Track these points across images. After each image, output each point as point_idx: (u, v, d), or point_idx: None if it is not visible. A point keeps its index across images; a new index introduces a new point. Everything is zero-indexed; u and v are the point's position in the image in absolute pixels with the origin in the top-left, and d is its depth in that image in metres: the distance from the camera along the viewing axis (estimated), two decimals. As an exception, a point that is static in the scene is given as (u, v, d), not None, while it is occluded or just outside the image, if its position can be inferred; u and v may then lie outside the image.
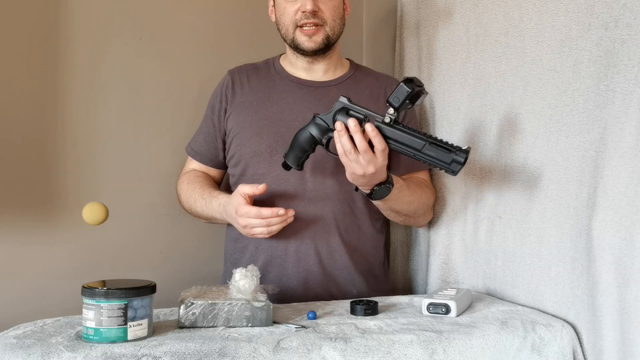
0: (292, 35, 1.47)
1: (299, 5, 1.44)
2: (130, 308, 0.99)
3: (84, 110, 1.59)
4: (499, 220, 1.38)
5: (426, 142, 1.23)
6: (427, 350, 1.05)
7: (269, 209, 1.32)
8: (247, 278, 1.12)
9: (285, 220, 1.34)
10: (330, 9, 1.46)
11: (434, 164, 1.24)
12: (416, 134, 1.24)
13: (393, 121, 1.25)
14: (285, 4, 1.46)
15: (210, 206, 1.46)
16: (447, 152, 1.22)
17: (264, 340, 1.01)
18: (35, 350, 0.94)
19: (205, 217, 1.52)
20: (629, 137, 1.06)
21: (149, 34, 1.66)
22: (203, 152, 1.57)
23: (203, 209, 1.48)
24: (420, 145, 1.23)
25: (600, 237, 1.10)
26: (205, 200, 1.47)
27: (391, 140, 1.26)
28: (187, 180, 1.55)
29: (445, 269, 1.54)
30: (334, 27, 1.47)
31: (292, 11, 1.45)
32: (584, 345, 1.16)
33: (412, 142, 1.24)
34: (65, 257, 1.57)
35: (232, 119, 1.51)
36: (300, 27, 1.45)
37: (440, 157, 1.23)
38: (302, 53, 1.49)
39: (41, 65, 1.55)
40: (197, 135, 1.58)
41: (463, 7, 1.53)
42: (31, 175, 1.54)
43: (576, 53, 1.19)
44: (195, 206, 1.50)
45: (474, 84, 1.48)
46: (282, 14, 1.48)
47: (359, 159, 1.25)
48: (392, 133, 1.25)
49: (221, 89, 1.55)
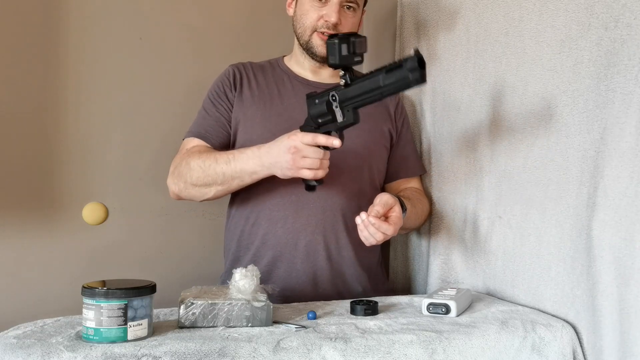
0: (307, 38, 1.49)
1: (324, 13, 1.45)
2: (130, 308, 0.99)
3: (84, 110, 1.59)
4: (499, 220, 1.38)
5: (380, 74, 1.17)
6: (427, 350, 1.05)
7: (325, 137, 1.26)
8: (247, 278, 1.12)
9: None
10: (350, 24, 1.48)
11: (401, 86, 1.17)
12: (370, 77, 1.19)
13: (346, 83, 1.22)
14: (311, 7, 1.47)
15: (242, 155, 1.36)
16: (399, 68, 1.15)
17: (264, 340, 1.01)
18: (35, 350, 0.93)
19: (226, 175, 1.38)
20: (629, 137, 1.06)
21: (149, 34, 1.66)
22: (215, 135, 1.50)
23: (229, 162, 1.37)
24: (379, 80, 1.18)
25: (600, 237, 1.10)
26: (232, 154, 1.38)
27: (357, 98, 1.22)
28: (198, 151, 1.45)
29: (445, 269, 1.54)
30: None
31: (315, 16, 1.46)
32: (584, 345, 1.16)
33: (372, 83, 1.19)
34: (65, 257, 1.57)
35: (239, 110, 1.50)
36: (318, 32, 1.47)
37: (400, 77, 1.15)
38: (312, 56, 1.51)
39: (41, 65, 1.55)
40: (202, 120, 1.52)
41: (463, 7, 1.52)
42: (31, 176, 1.54)
43: (576, 53, 1.19)
44: (216, 164, 1.38)
45: (474, 84, 1.48)
46: (304, 15, 1.48)
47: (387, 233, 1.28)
48: (353, 92, 1.22)
49: (227, 78, 1.53)
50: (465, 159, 1.49)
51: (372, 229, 1.27)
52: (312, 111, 1.28)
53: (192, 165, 1.42)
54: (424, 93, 1.66)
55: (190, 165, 1.42)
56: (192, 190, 1.44)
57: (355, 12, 1.48)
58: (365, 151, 1.50)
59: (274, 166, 1.32)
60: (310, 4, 1.46)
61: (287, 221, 1.44)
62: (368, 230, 1.27)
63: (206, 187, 1.41)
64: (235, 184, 1.40)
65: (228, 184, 1.40)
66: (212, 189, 1.42)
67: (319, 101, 1.26)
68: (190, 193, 1.45)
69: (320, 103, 1.26)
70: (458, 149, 1.52)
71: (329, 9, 1.44)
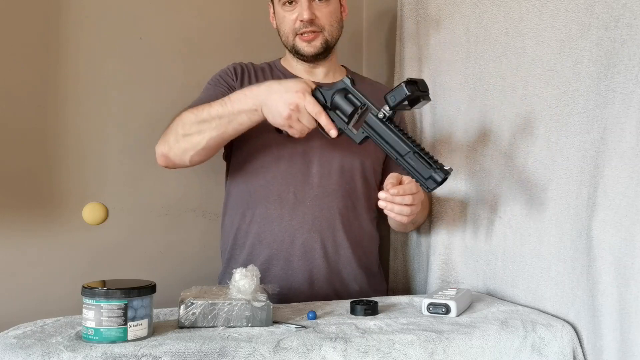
0: (292, 42, 1.50)
1: (296, 14, 1.47)
2: (130, 308, 0.99)
3: (84, 110, 1.59)
4: (499, 220, 1.38)
5: (410, 151, 1.22)
6: (427, 350, 1.05)
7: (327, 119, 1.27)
8: (247, 278, 1.12)
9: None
10: (327, 15, 1.48)
11: (412, 174, 1.23)
12: (404, 140, 1.23)
13: (387, 118, 1.25)
14: (284, 13, 1.49)
15: (238, 96, 1.32)
16: (428, 166, 1.21)
17: (264, 340, 1.01)
18: (35, 350, 0.93)
19: (222, 116, 1.32)
20: (629, 137, 1.06)
21: (149, 34, 1.66)
22: None
23: (225, 104, 1.32)
24: (405, 151, 1.23)
25: (600, 237, 1.10)
26: (227, 98, 1.33)
27: (378, 137, 1.26)
28: (192, 106, 1.39)
29: (445, 269, 1.54)
30: (331, 31, 1.51)
31: (291, 20, 1.48)
32: (584, 345, 1.16)
33: (398, 145, 1.24)
34: (65, 257, 1.57)
35: None
36: (299, 35, 1.48)
37: (419, 169, 1.22)
38: (303, 58, 1.52)
39: (41, 65, 1.55)
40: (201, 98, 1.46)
41: (463, 7, 1.53)
42: (31, 176, 1.54)
43: (576, 53, 1.19)
44: (210, 108, 1.33)
45: (474, 84, 1.48)
46: (282, 23, 1.51)
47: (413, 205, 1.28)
48: (382, 130, 1.25)
49: (230, 70, 1.53)
50: (465, 159, 1.49)
51: (398, 199, 1.26)
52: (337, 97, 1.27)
53: (183, 116, 1.36)
54: (424, 93, 1.66)
55: (182, 116, 1.37)
56: (182, 142, 1.35)
57: (329, 1, 1.48)
58: (361, 150, 1.50)
59: (267, 107, 1.29)
60: (283, 10, 1.49)
61: (283, 219, 1.44)
62: (395, 204, 1.25)
63: (199, 134, 1.34)
64: (230, 128, 1.33)
65: (224, 128, 1.33)
66: (206, 135, 1.33)
67: (351, 98, 1.27)
68: (180, 147, 1.36)
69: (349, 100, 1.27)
70: (458, 149, 1.52)
71: (300, 8, 1.46)
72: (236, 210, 1.50)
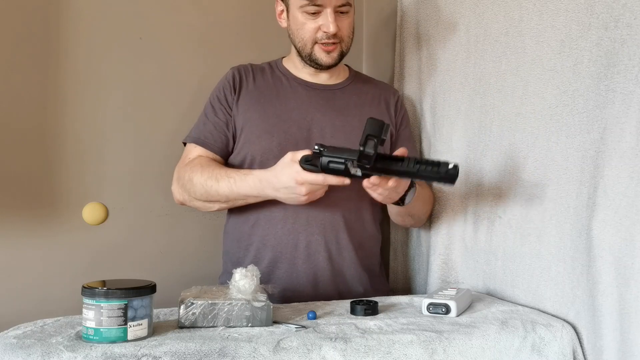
0: (309, 50, 1.49)
1: (320, 24, 1.45)
2: (130, 308, 0.99)
3: (85, 110, 1.59)
4: (499, 220, 1.38)
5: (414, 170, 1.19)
6: (427, 350, 1.05)
7: (335, 178, 1.27)
8: (247, 278, 1.12)
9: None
10: (347, 26, 1.48)
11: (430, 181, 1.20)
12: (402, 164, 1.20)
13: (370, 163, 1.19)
14: (305, 20, 1.46)
15: (243, 183, 1.39)
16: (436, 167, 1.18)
17: (264, 340, 1.01)
18: (35, 350, 0.93)
19: (229, 197, 1.42)
20: (629, 137, 1.06)
21: (149, 34, 1.66)
22: (213, 141, 1.50)
23: (231, 187, 1.40)
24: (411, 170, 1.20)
25: (600, 237, 1.10)
26: (233, 178, 1.40)
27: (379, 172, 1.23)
28: (199, 164, 1.45)
29: (445, 269, 1.54)
30: (348, 42, 1.51)
31: (312, 28, 1.46)
32: (584, 345, 1.16)
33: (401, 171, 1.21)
34: (65, 257, 1.57)
35: (240, 114, 1.50)
36: (320, 44, 1.47)
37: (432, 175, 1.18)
38: (317, 67, 1.51)
39: (41, 65, 1.55)
40: (203, 125, 1.52)
41: (463, 7, 1.53)
42: (31, 176, 1.54)
43: (576, 53, 1.19)
44: (218, 186, 1.40)
45: (474, 84, 1.48)
46: (300, 29, 1.47)
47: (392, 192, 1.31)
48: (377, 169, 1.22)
49: (228, 82, 1.53)
50: (465, 159, 1.49)
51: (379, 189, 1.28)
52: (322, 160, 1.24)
53: (194, 182, 1.44)
54: (424, 93, 1.66)
55: (193, 181, 1.44)
56: (196, 203, 1.48)
57: (348, 13, 1.48)
58: None
59: (281, 199, 1.37)
60: (304, 16, 1.45)
61: (287, 222, 1.44)
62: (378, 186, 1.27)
63: (209, 203, 1.46)
64: (239, 203, 1.44)
65: (232, 202, 1.45)
66: (216, 205, 1.46)
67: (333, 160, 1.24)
68: (195, 205, 1.49)
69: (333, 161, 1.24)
70: (458, 149, 1.52)
71: (324, 19, 1.44)
72: (240, 214, 1.50)
